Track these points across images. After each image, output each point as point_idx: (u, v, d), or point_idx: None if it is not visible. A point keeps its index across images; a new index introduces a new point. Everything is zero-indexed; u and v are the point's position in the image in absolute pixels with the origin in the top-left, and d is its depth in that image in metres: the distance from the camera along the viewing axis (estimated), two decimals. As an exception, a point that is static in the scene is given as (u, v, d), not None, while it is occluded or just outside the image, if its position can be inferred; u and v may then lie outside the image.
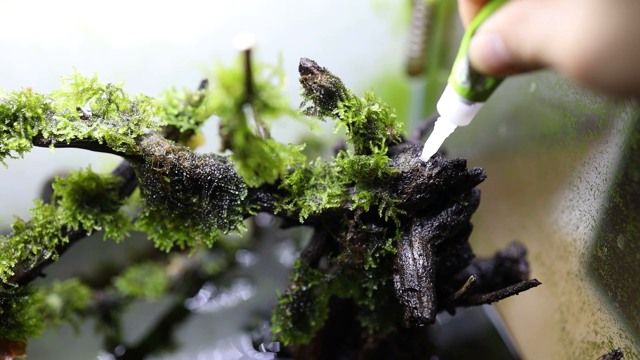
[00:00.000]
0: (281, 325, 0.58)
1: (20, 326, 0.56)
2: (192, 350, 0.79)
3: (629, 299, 0.53)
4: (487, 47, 0.39)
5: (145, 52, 0.93)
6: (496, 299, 0.55)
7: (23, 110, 0.48)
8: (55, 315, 0.75)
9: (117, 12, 0.89)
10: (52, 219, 0.55)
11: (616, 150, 0.53)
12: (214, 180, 0.52)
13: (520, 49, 0.35)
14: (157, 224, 0.54)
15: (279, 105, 0.38)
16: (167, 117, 0.58)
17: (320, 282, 0.57)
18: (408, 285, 0.51)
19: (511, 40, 0.36)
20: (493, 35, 0.38)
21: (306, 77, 0.50)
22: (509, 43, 0.37)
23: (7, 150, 0.48)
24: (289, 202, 0.54)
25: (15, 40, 0.86)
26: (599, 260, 0.58)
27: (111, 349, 0.79)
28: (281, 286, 0.88)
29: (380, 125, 0.52)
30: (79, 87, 0.50)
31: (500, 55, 0.38)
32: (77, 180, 0.53)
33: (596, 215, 0.57)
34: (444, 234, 0.54)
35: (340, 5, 0.98)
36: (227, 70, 0.35)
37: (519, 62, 0.37)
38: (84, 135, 0.49)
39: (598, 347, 0.59)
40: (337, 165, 0.53)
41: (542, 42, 0.32)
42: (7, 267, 0.53)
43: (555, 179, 0.65)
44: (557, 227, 0.66)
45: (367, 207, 0.52)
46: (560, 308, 0.67)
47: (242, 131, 0.40)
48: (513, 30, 0.36)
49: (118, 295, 0.82)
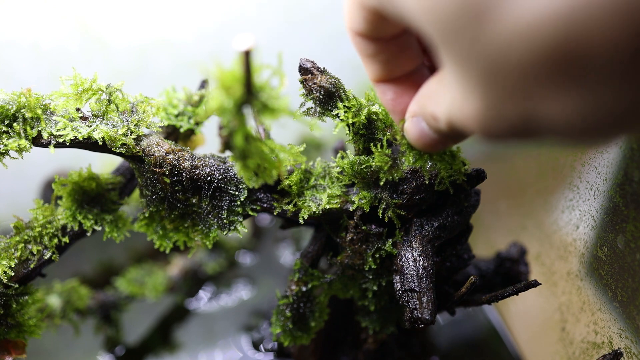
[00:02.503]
0: (281, 325, 0.58)
1: (20, 326, 0.56)
2: (192, 350, 0.79)
3: (629, 299, 0.53)
4: (416, 129, 0.43)
5: (145, 52, 0.93)
6: (496, 300, 0.55)
7: (22, 111, 0.48)
8: (55, 315, 0.75)
9: (117, 12, 0.88)
10: (52, 219, 0.55)
11: (616, 150, 0.53)
12: (214, 181, 0.52)
13: (437, 124, 0.39)
14: (157, 225, 0.54)
15: (278, 106, 0.38)
16: (167, 117, 0.58)
17: (320, 282, 0.57)
18: (408, 286, 0.51)
19: (428, 118, 0.40)
20: (415, 117, 0.42)
21: (306, 77, 0.50)
22: (428, 121, 0.40)
23: (6, 151, 0.48)
24: (289, 202, 0.54)
25: (15, 40, 0.86)
26: (599, 260, 0.58)
27: (111, 349, 0.79)
28: (281, 286, 0.88)
29: (381, 125, 0.52)
30: (79, 87, 0.50)
31: (428, 134, 0.42)
32: (77, 180, 0.53)
33: (596, 215, 0.57)
34: (444, 234, 0.54)
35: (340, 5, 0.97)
36: (226, 71, 0.35)
37: (444, 135, 0.40)
38: (84, 136, 0.49)
39: (598, 347, 0.59)
40: (337, 165, 0.53)
41: (448, 113, 0.36)
42: (7, 267, 0.53)
43: (555, 179, 0.65)
44: (557, 227, 0.66)
45: (367, 208, 0.52)
46: (560, 308, 0.67)
47: (242, 132, 0.40)
48: (427, 108, 0.39)
49: (118, 295, 0.82)
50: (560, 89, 0.26)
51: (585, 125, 0.27)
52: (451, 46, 0.30)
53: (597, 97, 0.26)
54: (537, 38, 0.25)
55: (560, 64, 0.25)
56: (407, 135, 0.45)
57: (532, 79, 0.27)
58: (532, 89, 0.27)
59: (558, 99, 0.27)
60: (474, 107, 0.31)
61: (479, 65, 0.28)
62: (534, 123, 0.29)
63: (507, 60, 0.27)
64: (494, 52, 0.27)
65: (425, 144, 0.44)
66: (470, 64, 0.29)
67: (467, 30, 0.27)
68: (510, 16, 0.25)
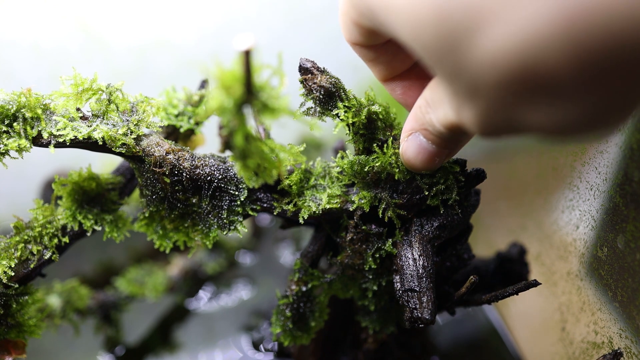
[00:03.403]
0: (281, 325, 0.58)
1: (20, 326, 0.56)
2: (192, 350, 0.79)
3: (629, 299, 0.53)
4: (414, 145, 0.46)
5: (145, 52, 0.93)
6: (496, 300, 0.55)
7: (23, 111, 0.48)
8: (55, 315, 0.75)
9: (117, 12, 0.89)
10: (52, 219, 0.55)
11: (616, 150, 0.53)
12: (214, 181, 0.52)
13: (438, 129, 0.41)
14: (157, 225, 0.54)
15: (278, 106, 0.38)
16: (167, 117, 0.58)
17: (320, 282, 0.57)
18: (408, 286, 0.51)
19: (428, 127, 0.43)
20: (413, 133, 0.45)
21: (306, 77, 0.50)
22: (427, 130, 0.43)
23: (6, 151, 0.48)
24: (289, 202, 0.54)
25: (15, 40, 0.86)
26: (599, 260, 0.58)
27: (111, 349, 0.79)
28: (281, 286, 0.88)
29: (381, 125, 0.52)
30: (79, 87, 0.50)
31: (426, 148, 0.45)
32: (77, 180, 0.53)
33: (596, 215, 0.57)
34: (444, 234, 0.54)
35: (340, 5, 0.98)
36: (226, 71, 0.35)
37: (444, 141, 0.43)
38: (84, 136, 0.49)
39: (598, 347, 0.59)
40: (337, 165, 0.53)
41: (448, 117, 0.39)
42: (7, 267, 0.53)
43: (555, 179, 0.65)
44: (557, 227, 0.66)
45: (367, 208, 0.52)
46: (560, 308, 0.67)
47: (242, 132, 0.40)
48: (426, 117, 0.42)
49: (118, 295, 0.82)
50: (532, 104, 0.31)
51: (562, 129, 0.32)
52: (439, 67, 0.35)
53: (566, 108, 0.31)
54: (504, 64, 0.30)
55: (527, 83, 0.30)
56: (405, 155, 0.47)
57: (511, 95, 0.31)
58: (513, 102, 0.32)
59: (536, 110, 0.32)
60: (469, 114, 0.36)
61: (465, 83, 0.33)
62: (521, 126, 0.34)
63: (486, 82, 0.31)
64: (474, 75, 0.32)
65: (423, 159, 0.46)
66: (458, 82, 0.34)
67: (449, 56, 0.32)
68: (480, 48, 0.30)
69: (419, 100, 0.43)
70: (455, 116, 0.38)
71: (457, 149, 0.46)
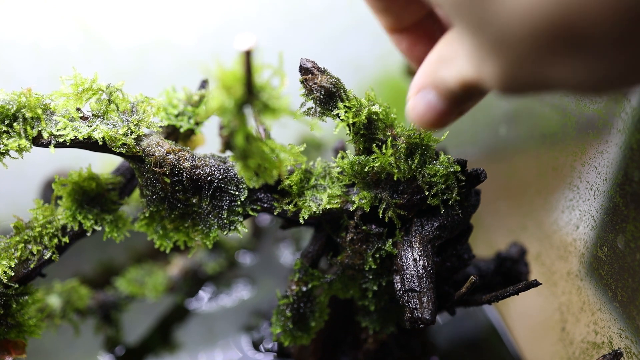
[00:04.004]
0: (281, 325, 0.58)
1: (20, 326, 0.56)
2: (192, 350, 0.79)
3: (629, 299, 0.53)
4: (423, 102, 0.43)
5: (145, 52, 0.93)
6: (496, 300, 0.55)
7: (23, 111, 0.48)
8: (55, 315, 0.75)
9: (117, 12, 0.89)
10: (52, 219, 0.55)
11: (616, 150, 0.53)
12: (214, 181, 0.52)
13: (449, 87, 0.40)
14: (157, 225, 0.54)
15: (279, 106, 0.38)
16: (167, 117, 0.58)
17: (321, 282, 0.57)
18: (408, 286, 0.51)
19: (438, 84, 0.41)
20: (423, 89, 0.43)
21: (306, 77, 0.50)
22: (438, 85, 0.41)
23: (6, 151, 0.48)
24: (289, 202, 0.54)
25: (15, 40, 0.86)
26: (599, 260, 0.58)
27: (111, 349, 0.79)
28: (281, 286, 0.88)
29: (381, 125, 0.52)
30: (79, 87, 0.50)
31: (436, 106, 0.42)
32: (77, 180, 0.53)
33: (596, 215, 0.57)
34: (444, 234, 0.54)
35: (340, 5, 0.98)
36: (227, 71, 0.35)
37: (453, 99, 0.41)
38: (84, 136, 0.49)
39: (598, 347, 0.59)
40: (337, 165, 0.53)
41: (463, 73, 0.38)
42: (7, 267, 0.53)
43: (555, 179, 0.65)
44: (557, 227, 0.66)
45: (368, 208, 0.52)
46: (560, 308, 0.67)
47: (243, 132, 0.40)
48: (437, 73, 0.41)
49: (118, 295, 0.82)
50: (565, 57, 0.29)
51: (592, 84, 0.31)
52: (464, 18, 0.32)
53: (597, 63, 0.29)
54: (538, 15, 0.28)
55: (561, 37, 0.28)
56: (412, 112, 0.44)
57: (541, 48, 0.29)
58: (542, 56, 0.30)
59: (565, 65, 0.30)
60: (491, 69, 0.33)
61: (491, 35, 0.31)
62: (548, 81, 0.32)
63: (515, 34, 0.29)
64: (504, 26, 0.30)
65: (431, 118, 0.43)
66: (483, 34, 0.32)
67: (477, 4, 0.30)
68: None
69: (431, 55, 0.42)
70: (473, 72, 0.36)
71: (468, 108, 0.44)
